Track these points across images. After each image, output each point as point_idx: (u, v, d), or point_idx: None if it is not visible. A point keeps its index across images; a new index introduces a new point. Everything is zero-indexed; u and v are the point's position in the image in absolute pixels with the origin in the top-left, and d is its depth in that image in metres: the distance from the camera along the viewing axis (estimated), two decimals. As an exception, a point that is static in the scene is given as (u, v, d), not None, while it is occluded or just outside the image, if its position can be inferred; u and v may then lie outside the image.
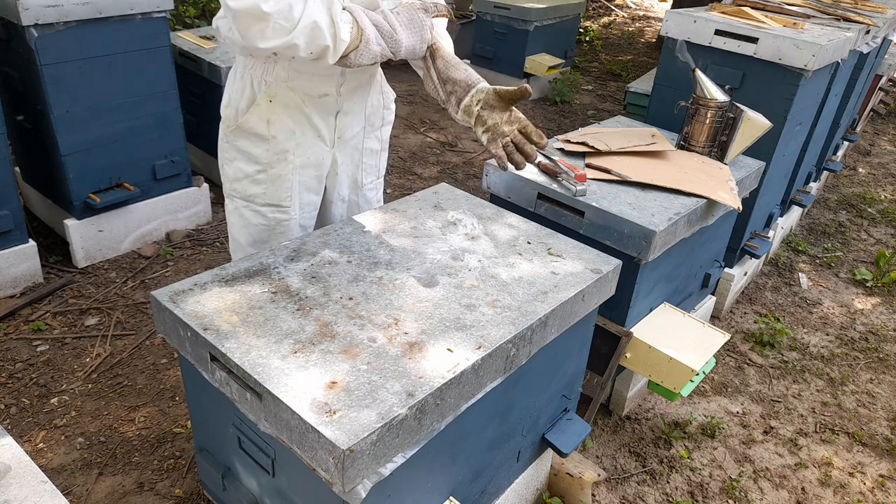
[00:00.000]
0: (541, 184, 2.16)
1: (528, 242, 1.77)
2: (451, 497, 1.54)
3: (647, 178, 2.21)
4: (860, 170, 5.34)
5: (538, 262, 1.69)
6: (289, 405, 1.17)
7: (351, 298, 1.47)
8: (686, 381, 2.14)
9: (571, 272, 1.66)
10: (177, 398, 2.43)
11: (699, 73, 2.47)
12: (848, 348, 3.13)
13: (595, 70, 7.20)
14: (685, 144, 2.54)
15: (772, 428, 2.60)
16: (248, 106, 1.73)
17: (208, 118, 3.42)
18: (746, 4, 3.12)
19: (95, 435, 2.26)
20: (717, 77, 2.66)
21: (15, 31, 2.66)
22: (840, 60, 2.99)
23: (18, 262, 2.86)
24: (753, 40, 2.65)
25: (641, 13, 10.40)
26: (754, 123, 2.43)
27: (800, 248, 3.95)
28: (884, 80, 5.00)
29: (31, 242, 2.89)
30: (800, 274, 3.70)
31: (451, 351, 1.34)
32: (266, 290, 1.47)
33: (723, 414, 2.64)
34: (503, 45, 5.84)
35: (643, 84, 4.48)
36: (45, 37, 2.63)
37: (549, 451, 2.03)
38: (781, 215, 3.64)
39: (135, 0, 2.82)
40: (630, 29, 9.32)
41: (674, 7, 7.76)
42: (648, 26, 9.59)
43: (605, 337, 2.19)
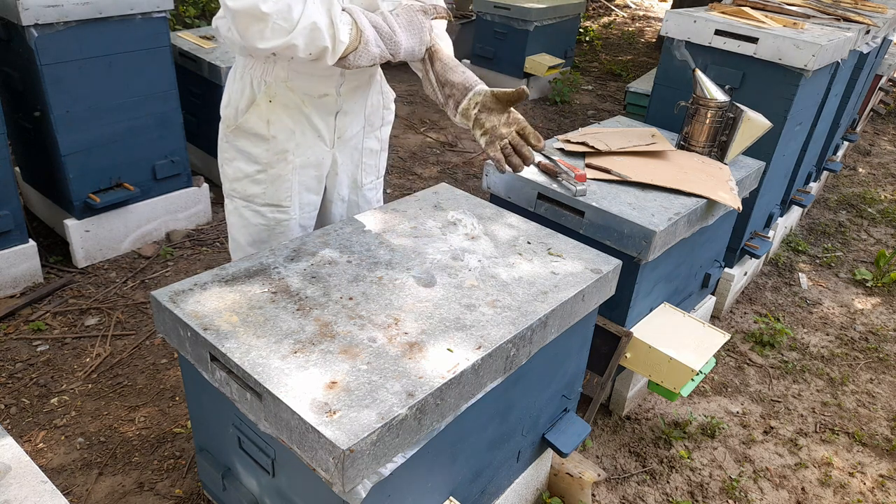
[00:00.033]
0: (541, 184, 2.16)
1: (528, 242, 1.77)
2: (451, 497, 1.54)
3: (647, 178, 2.21)
4: (860, 170, 5.34)
5: (538, 262, 1.69)
6: (289, 405, 1.17)
7: (351, 298, 1.47)
8: (686, 381, 2.14)
9: (571, 272, 1.66)
10: (177, 398, 2.43)
11: (699, 73, 2.47)
12: (848, 348, 3.13)
13: (595, 70, 7.20)
14: (685, 144, 2.54)
15: (772, 428, 2.60)
16: (247, 106, 1.73)
17: (208, 118, 3.42)
18: (746, 4, 3.12)
19: (95, 435, 2.26)
20: (717, 77, 2.66)
21: (15, 31, 2.66)
22: (840, 60, 2.99)
23: (18, 262, 2.86)
24: (753, 40, 2.66)
25: (641, 13, 10.40)
26: (754, 123, 2.43)
27: (800, 248, 3.95)
28: (884, 80, 5.00)
29: (31, 242, 2.89)
30: (800, 274, 3.70)
31: (451, 351, 1.34)
32: (266, 290, 1.47)
33: (723, 414, 2.64)
34: (503, 45, 5.84)
35: (643, 84, 4.49)
36: (45, 37, 2.63)
37: (549, 451, 2.03)
38: (781, 215, 3.64)
39: (135, 0, 2.82)
40: (630, 29, 9.32)
41: (674, 7, 7.76)
42: (648, 26, 9.59)
43: (605, 337, 2.19)
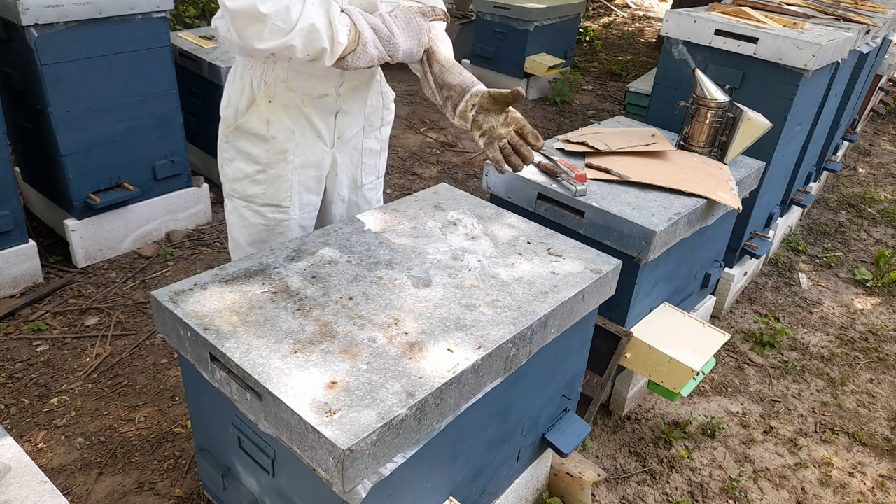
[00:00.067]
0: (541, 184, 2.16)
1: (528, 242, 1.77)
2: (451, 497, 1.54)
3: (647, 178, 2.21)
4: (860, 170, 5.34)
5: (538, 262, 1.69)
6: (289, 405, 1.17)
7: (351, 298, 1.47)
8: (686, 381, 2.14)
9: (571, 272, 1.66)
10: (177, 398, 2.43)
11: (699, 73, 2.47)
12: (848, 348, 3.13)
13: (595, 70, 7.20)
14: (685, 144, 2.54)
15: (772, 428, 2.60)
16: (247, 106, 1.73)
17: (208, 118, 3.42)
18: (746, 4, 3.12)
19: (95, 435, 2.26)
20: (717, 77, 2.66)
21: (15, 31, 2.66)
22: (840, 60, 2.99)
23: (18, 262, 2.86)
24: (753, 40, 2.65)
25: (641, 13, 10.40)
26: (754, 123, 2.43)
27: (800, 248, 3.95)
28: (884, 80, 5.00)
29: (31, 242, 2.89)
30: (800, 274, 3.70)
31: (451, 351, 1.34)
32: (266, 290, 1.47)
33: (723, 414, 2.64)
34: (503, 45, 5.84)
35: (643, 84, 4.49)
36: (45, 37, 2.63)
37: (549, 451, 2.03)
38: (781, 215, 3.64)
39: (135, 0, 2.82)
40: (630, 29, 9.32)
41: (674, 7, 7.76)
42: (648, 26, 9.59)
43: (605, 337, 2.19)
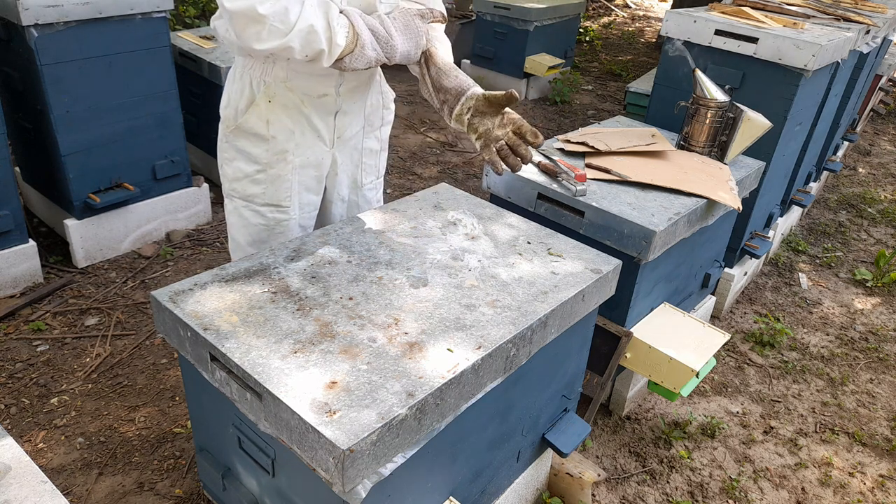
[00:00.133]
0: (541, 184, 2.16)
1: (528, 242, 1.77)
2: (451, 497, 1.54)
3: (647, 178, 2.21)
4: (860, 170, 5.34)
5: (538, 262, 1.69)
6: (289, 405, 1.17)
7: (351, 298, 1.47)
8: (686, 381, 2.14)
9: (571, 272, 1.66)
10: (177, 398, 2.43)
11: (699, 73, 2.47)
12: (848, 348, 3.13)
13: (595, 70, 7.20)
14: (685, 144, 2.54)
15: (772, 428, 2.60)
16: (247, 106, 1.73)
17: (208, 118, 3.42)
18: (746, 4, 3.12)
19: (95, 435, 2.26)
20: (717, 77, 2.66)
21: (15, 31, 2.66)
22: (840, 60, 2.98)
23: (18, 262, 2.86)
24: (753, 40, 2.65)
25: (641, 13, 10.40)
26: (754, 123, 2.43)
27: (800, 248, 3.95)
28: (884, 80, 5.00)
29: (31, 242, 2.89)
30: (800, 274, 3.70)
31: (451, 351, 1.34)
32: (266, 290, 1.47)
33: (723, 414, 2.64)
34: (503, 45, 5.83)
35: (643, 84, 4.49)
36: (45, 37, 2.63)
37: (549, 451, 2.03)
38: (781, 215, 3.64)
39: (135, 0, 2.82)
40: (630, 29, 9.32)
41: (674, 7, 7.76)
42: (648, 26, 9.59)
43: (605, 337, 2.19)
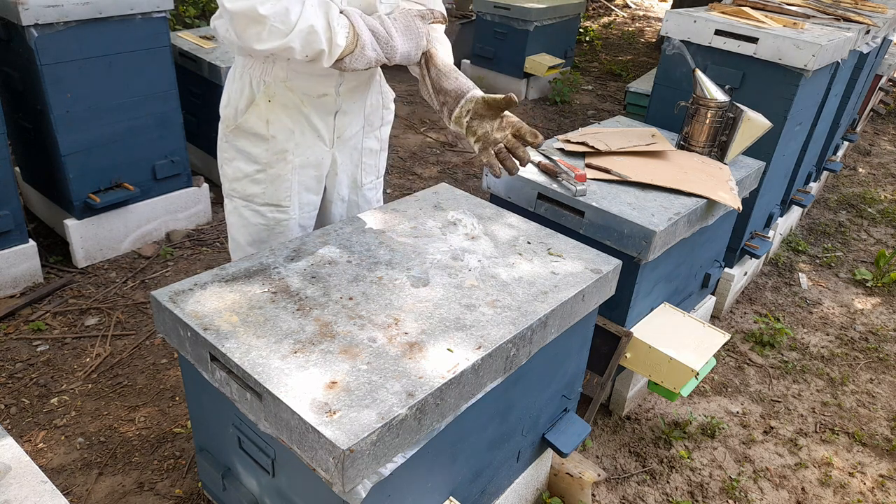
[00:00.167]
0: (541, 184, 2.16)
1: (528, 242, 1.77)
2: (451, 497, 1.54)
3: (647, 178, 2.21)
4: (860, 170, 5.34)
5: (538, 262, 1.69)
6: (289, 405, 1.17)
7: (351, 298, 1.47)
8: (686, 381, 2.14)
9: (571, 272, 1.66)
10: (177, 398, 2.43)
11: (699, 73, 2.47)
12: (848, 348, 3.13)
13: (595, 70, 7.20)
14: (685, 144, 2.54)
15: (772, 428, 2.60)
16: (247, 106, 1.73)
17: (208, 118, 3.42)
18: (746, 4, 3.12)
19: (95, 435, 2.26)
20: (717, 77, 2.66)
21: (15, 31, 2.66)
22: (840, 60, 2.98)
23: (18, 262, 2.86)
24: (753, 40, 2.65)
25: (641, 13, 10.40)
26: (754, 123, 2.43)
27: (800, 248, 3.95)
28: (884, 80, 4.99)
29: (31, 242, 2.89)
30: (800, 274, 3.70)
31: (451, 351, 1.34)
32: (266, 290, 1.47)
33: (723, 414, 2.64)
34: (503, 45, 5.83)
35: (643, 84, 4.49)
36: (45, 37, 2.63)
37: (549, 451, 2.03)
38: (781, 215, 3.64)
39: (135, 0, 2.82)
40: (630, 29, 9.32)
41: (674, 7, 7.76)
42: (648, 26, 9.59)
43: (605, 337, 2.19)
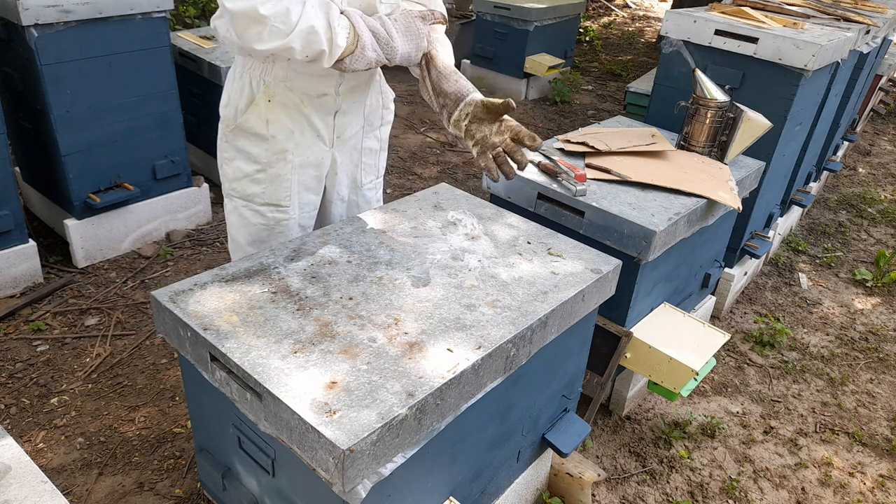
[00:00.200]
0: (541, 184, 2.16)
1: (528, 242, 1.77)
2: (451, 497, 1.54)
3: (647, 178, 2.21)
4: (860, 170, 5.34)
5: (538, 262, 1.69)
6: (289, 405, 1.17)
7: (351, 298, 1.47)
8: (686, 381, 2.14)
9: (571, 272, 1.66)
10: (177, 398, 2.43)
11: (699, 73, 2.47)
12: (848, 348, 3.13)
13: (595, 70, 7.20)
14: (685, 144, 2.54)
15: (772, 428, 2.60)
16: (246, 105, 1.73)
17: (208, 118, 3.42)
18: (746, 4, 3.12)
19: (95, 435, 2.26)
20: (717, 77, 2.66)
21: (15, 31, 2.66)
22: (840, 60, 2.98)
23: (18, 262, 2.86)
24: (753, 40, 2.65)
25: (641, 13, 10.40)
26: (754, 123, 2.43)
27: (800, 248, 3.95)
28: (884, 80, 5.00)
29: (31, 242, 2.89)
30: (800, 274, 3.70)
31: (451, 351, 1.34)
32: (266, 290, 1.47)
33: (723, 414, 2.64)
34: (503, 45, 5.83)
35: (643, 84, 4.48)
36: (45, 37, 2.63)
37: (549, 451, 2.03)
38: (781, 215, 3.64)
39: (135, 0, 2.82)
40: (630, 29, 9.32)
41: (674, 7, 7.76)
42: (648, 26, 9.59)
43: (605, 337, 2.19)
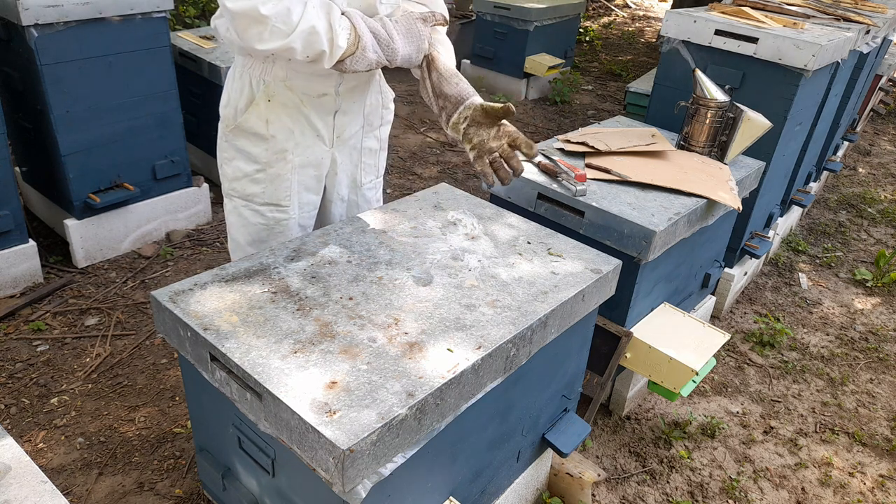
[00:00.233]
0: (541, 184, 2.16)
1: (528, 242, 1.77)
2: (451, 497, 1.54)
3: (647, 178, 2.21)
4: (860, 170, 5.34)
5: (538, 262, 1.69)
6: (289, 405, 1.17)
7: (351, 298, 1.47)
8: (686, 381, 2.14)
9: (571, 272, 1.66)
10: (177, 398, 2.43)
11: (699, 73, 2.47)
12: (848, 348, 3.13)
13: (595, 70, 7.20)
14: (685, 144, 2.54)
15: (772, 428, 2.60)
16: (246, 105, 1.73)
17: (208, 118, 3.42)
18: (746, 4, 3.12)
19: (95, 435, 2.26)
20: (717, 77, 2.66)
21: (15, 31, 2.66)
22: (840, 60, 2.98)
23: (18, 262, 2.85)
24: (753, 40, 2.65)
25: (641, 13, 10.40)
26: (754, 123, 2.43)
27: (800, 248, 3.95)
28: (884, 80, 5.00)
29: (31, 242, 2.89)
30: (800, 274, 3.70)
31: (451, 351, 1.34)
32: (266, 290, 1.47)
33: (723, 414, 2.64)
34: (503, 45, 5.83)
35: (643, 84, 4.48)
36: (45, 37, 2.63)
37: (549, 451, 2.03)
38: (781, 215, 3.64)
39: (135, 0, 2.82)
40: (630, 29, 9.32)
41: (674, 7, 7.76)
42: (648, 26, 9.59)
43: (605, 337, 2.19)
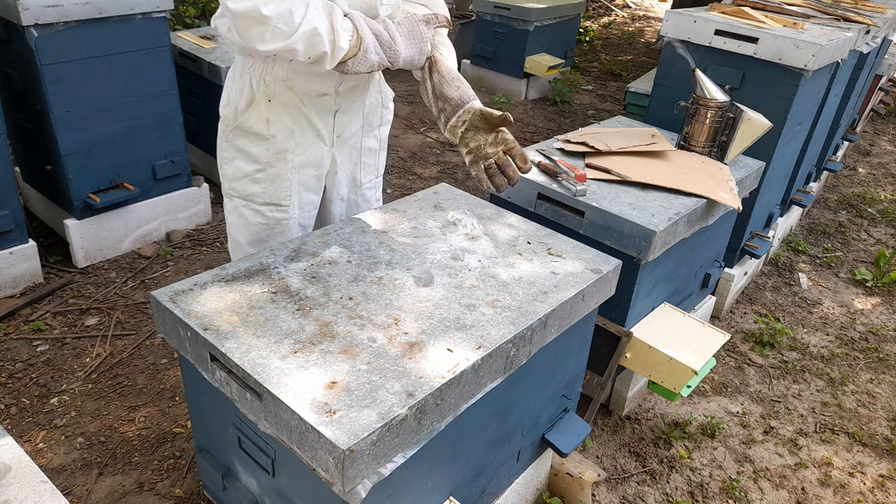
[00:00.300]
0: (541, 184, 2.16)
1: (528, 242, 1.77)
2: (451, 497, 1.54)
3: (647, 178, 2.21)
4: (860, 170, 5.34)
5: (538, 262, 1.69)
6: (289, 405, 1.17)
7: (351, 298, 1.47)
8: (686, 381, 2.14)
9: (571, 272, 1.66)
10: (177, 398, 2.43)
11: (699, 73, 2.47)
12: (848, 348, 3.13)
13: (595, 70, 7.20)
14: (685, 144, 2.54)
15: (772, 428, 2.60)
16: (247, 105, 1.73)
17: (208, 118, 3.42)
18: (746, 4, 3.12)
19: (95, 435, 2.26)
20: (717, 77, 2.66)
21: (15, 31, 2.66)
22: (840, 60, 2.98)
23: (18, 262, 2.86)
24: (753, 40, 2.65)
25: (641, 13, 10.40)
26: (754, 123, 2.43)
27: (800, 248, 3.95)
28: (884, 80, 5.00)
29: (31, 242, 2.89)
30: (800, 274, 3.70)
31: (451, 351, 1.34)
32: (266, 290, 1.47)
33: (723, 414, 2.64)
34: (503, 45, 5.83)
35: (643, 84, 4.48)
36: (45, 37, 2.63)
37: (549, 451, 2.03)
38: (781, 215, 3.64)
39: (135, 0, 2.82)
40: (630, 29, 9.32)
41: (674, 7, 7.76)
42: (648, 26, 9.59)
43: (605, 337, 2.19)
